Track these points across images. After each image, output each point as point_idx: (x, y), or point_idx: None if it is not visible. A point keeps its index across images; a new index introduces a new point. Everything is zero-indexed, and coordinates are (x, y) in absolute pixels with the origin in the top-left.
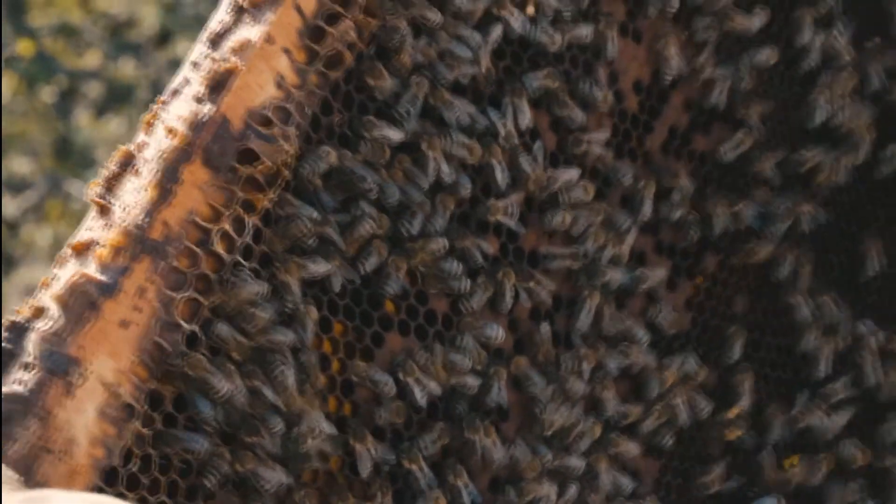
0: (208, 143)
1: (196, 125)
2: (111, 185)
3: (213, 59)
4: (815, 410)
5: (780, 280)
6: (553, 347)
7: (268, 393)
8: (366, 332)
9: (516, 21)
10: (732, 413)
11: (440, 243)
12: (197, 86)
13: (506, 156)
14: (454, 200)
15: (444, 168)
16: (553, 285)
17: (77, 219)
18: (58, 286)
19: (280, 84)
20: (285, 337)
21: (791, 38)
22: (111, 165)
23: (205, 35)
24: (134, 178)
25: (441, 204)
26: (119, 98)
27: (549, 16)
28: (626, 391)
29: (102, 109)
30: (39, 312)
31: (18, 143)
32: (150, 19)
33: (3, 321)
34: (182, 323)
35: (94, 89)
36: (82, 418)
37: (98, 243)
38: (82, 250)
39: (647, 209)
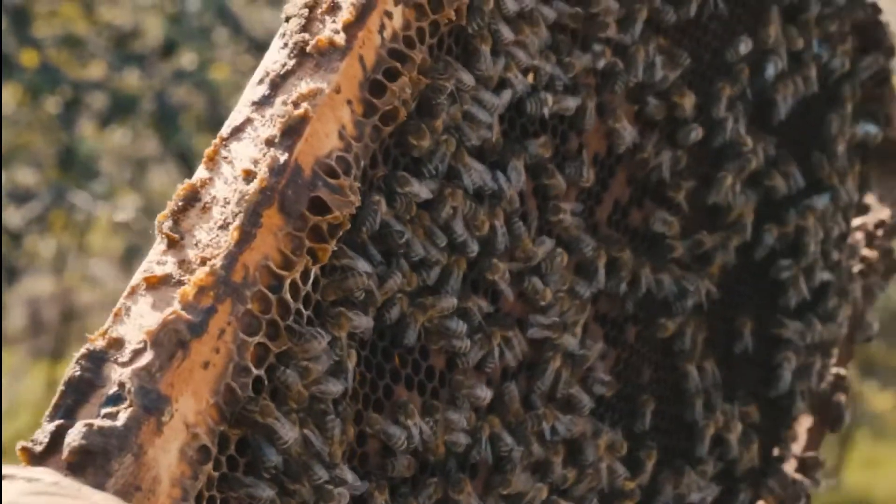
0: (284, 188)
1: (276, 170)
2: (178, 219)
3: (285, 103)
4: (695, 485)
5: (680, 350)
6: (521, 407)
7: (316, 442)
8: (379, 383)
9: (519, 84)
10: (631, 484)
11: (451, 302)
12: (266, 128)
13: (506, 219)
14: (466, 262)
15: (458, 228)
16: (525, 345)
17: (80, 230)
18: (145, 320)
19: (342, 135)
20: (335, 388)
21: (707, 113)
22: (176, 200)
23: (262, 75)
24: (203, 214)
25: (456, 265)
26: (123, 109)
27: (544, 82)
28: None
29: (106, 120)
30: (116, 344)
31: (22, 153)
32: (154, 30)
33: (81, 349)
34: (252, 367)
35: (98, 100)
36: (167, 457)
37: (174, 279)
38: (157, 284)
39: (601, 278)
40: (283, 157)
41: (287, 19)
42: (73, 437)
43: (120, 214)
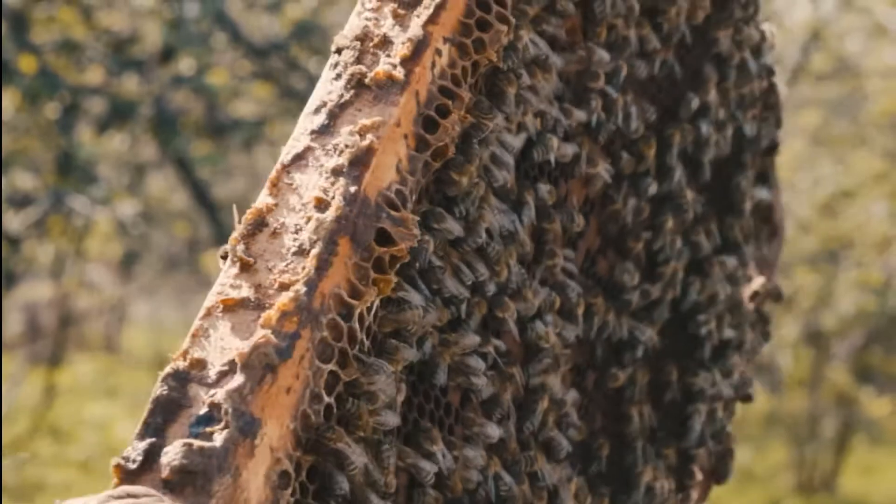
0: (355, 218)
1: (348, 199)
2: (248, 243)
3: (352, 134)
4: None
5: (628, 396)
6: (517, 446)
7: (374, 471)
8: (409, 417)
9: (532, 128)
10: None
11: (474, 340)
12: (329, 157)
13: (518, 260)
14: (486, 302)
15: (481, 266)
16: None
17: (78, 235)
18: (226, 342)
19: (399, 168)
20: (392, 420)
21: (658, 161)
22: (245, 224)
23: (318, 104)
24: (272, 239)
25: (477, 304)
26: (122, 114)
27: (550, 127)
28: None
29: (104, 126)
30: (198, 364)
31: (20, 159)
32: (153, 36)
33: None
34: (324, 395)
35: (96, 105)
36: (255, 481)
37: (252, 302)
38: (234, 307)
39: (580, 324)
40: (353, 188)
41: (339, 51)
42: (173, 456)
43: (120, 217)
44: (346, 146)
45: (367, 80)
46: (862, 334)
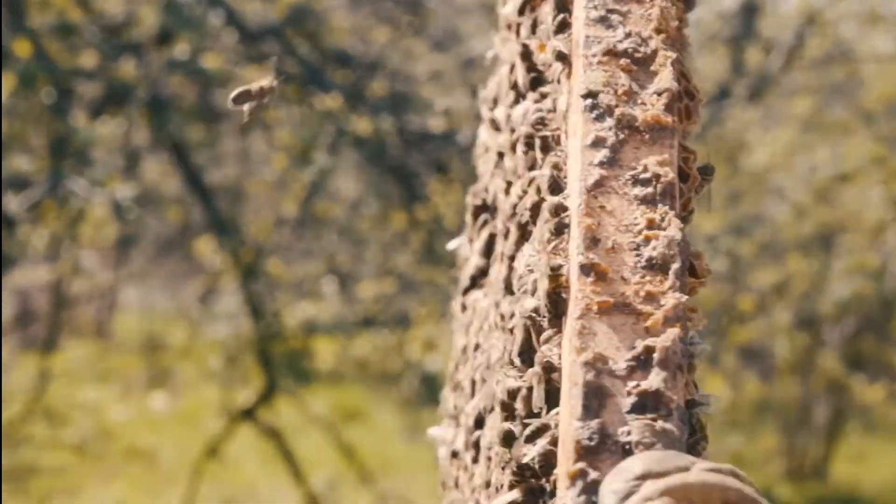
0: (684, 245)
1: (679, 224)
2: (594, 255)
3: (657, 166)
4: None
5: None
6: None
7: None
8: None
9: None
10: None
11: None
12: (630, 187)
13: None
14: None
15: None
16: None
17: (73, 220)
18: (613, 341)
19: None
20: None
21: None
22: (584, 240)
23: (595, 140)
24: (613, 254)
25: None
26: (117, 99)
27: None
28: None
29: (98, 110)
30: (602, 359)
31: (15, 143)
32: (149, 19)
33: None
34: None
35: (91, 89)
36: None
37: (626, 306)
38: (608, 310)
39: None
40: (673, 214)
41: (591, 94)
42: (639, 435)
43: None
44: (657, 175)
45: (637, 123)
46: (854, 321)
